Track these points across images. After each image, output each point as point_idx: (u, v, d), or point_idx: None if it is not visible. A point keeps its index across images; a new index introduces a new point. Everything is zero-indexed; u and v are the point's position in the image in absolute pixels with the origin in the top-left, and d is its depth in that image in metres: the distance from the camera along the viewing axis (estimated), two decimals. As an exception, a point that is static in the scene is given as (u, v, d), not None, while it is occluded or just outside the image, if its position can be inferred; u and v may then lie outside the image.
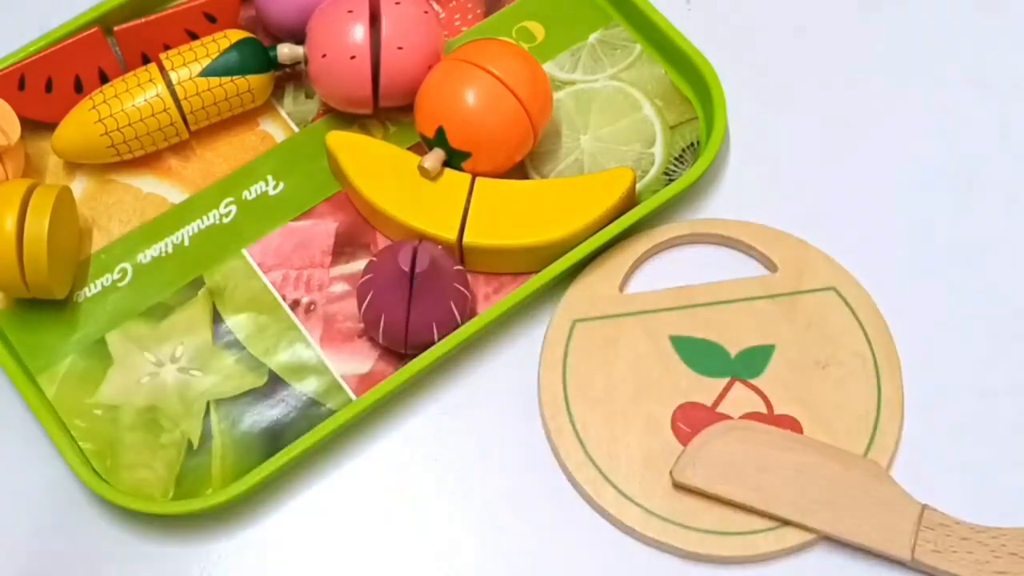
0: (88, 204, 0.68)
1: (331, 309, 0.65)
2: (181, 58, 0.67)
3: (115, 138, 0.66)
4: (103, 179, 0.69)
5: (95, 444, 0.62)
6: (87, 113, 0.66)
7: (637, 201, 0.66)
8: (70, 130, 0.67)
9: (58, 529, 0.61)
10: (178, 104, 0.67)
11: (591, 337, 0.63)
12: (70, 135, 0.67)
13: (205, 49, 0.67)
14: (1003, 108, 0.70)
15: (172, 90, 0.66)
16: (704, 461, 0.59)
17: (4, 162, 0.65)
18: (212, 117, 0.68)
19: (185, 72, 0.66)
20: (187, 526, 0.61)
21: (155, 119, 0.66)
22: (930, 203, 0.68)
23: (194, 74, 0.66)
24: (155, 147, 0.68)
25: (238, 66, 0.67)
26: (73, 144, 0.67)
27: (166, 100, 0.66)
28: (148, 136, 0.67)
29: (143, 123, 0.66)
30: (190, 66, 0.67)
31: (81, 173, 0.69)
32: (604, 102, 0.70)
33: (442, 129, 0.64)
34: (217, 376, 0.63)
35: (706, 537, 0.59)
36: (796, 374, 0.62)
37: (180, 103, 0.67)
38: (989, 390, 0.63)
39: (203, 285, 0.66)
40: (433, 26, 0.67)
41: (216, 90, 0.67)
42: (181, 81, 0.66)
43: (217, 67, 0.67)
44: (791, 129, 0.70)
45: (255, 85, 0.68)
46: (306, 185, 0.68)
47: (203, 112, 0.67)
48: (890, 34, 0.73)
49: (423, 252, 0.59)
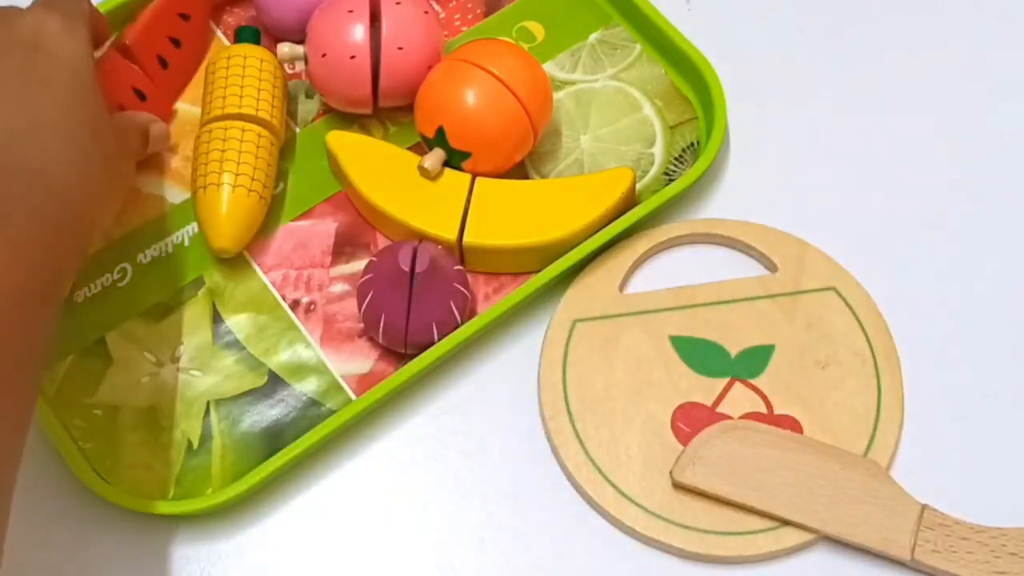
0: (88, 204, 0.68)
1: (331, 309, 0.65)
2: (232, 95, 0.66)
3: (266, 195, 0.65)
4: (103, 179, 0.69)
5: (95, 444, 0.62)
6: (246, 199, 0.64)
7: (637, 201, 0.66)
8: (241, 226, 0.64)
9: (58, 529, 0.61)
10: (269, 128, 0.66)
11: (591, 337, 0.63)
12: (240, 228, 0.64)
13: (229, 76, 0.67)
14: (1004, 108, 0.70)
15: (259, 120, 0.65)
16: (704, 461, 0.59)
17: None
18: (280, 106, 0.67)
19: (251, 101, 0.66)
20: (187, 526, 0.61)
21: (272, 155, 0.66)
22: (930, 203, 0.68)
23: (259, 98, 0.66)
24: (275, 172, 0.67)
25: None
26: (245, 230, 0.65)
27: (266, 136, 0.66)
28: (270, 168, 0.66)
29: (271, 167, 0.66)
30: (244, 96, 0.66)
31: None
32: (604, 102, 0.70)
33: (442, 129, 0.64)
34: (217, 376, 0.63)
35: (706, 537, 0.59)
36: (796, 374, 0.62)
37: (269, 126, 0.66)
38: (989, 390, 0.63)
39: (203, 285, 0.66)
40: (433, 26, 0.67)
41: (275, 92, 0.67)
42: (258, 109, 0.66)
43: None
44: (791, 129, 0.70)
45: (259, 54, 0.67)
46: (306, 185, 0.68)
47: (280, 110, 0.67)
48: (890, 34, 0.73)
49: (423, 252, 0.59)
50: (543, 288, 0.64)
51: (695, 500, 0.59)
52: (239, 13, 0.73)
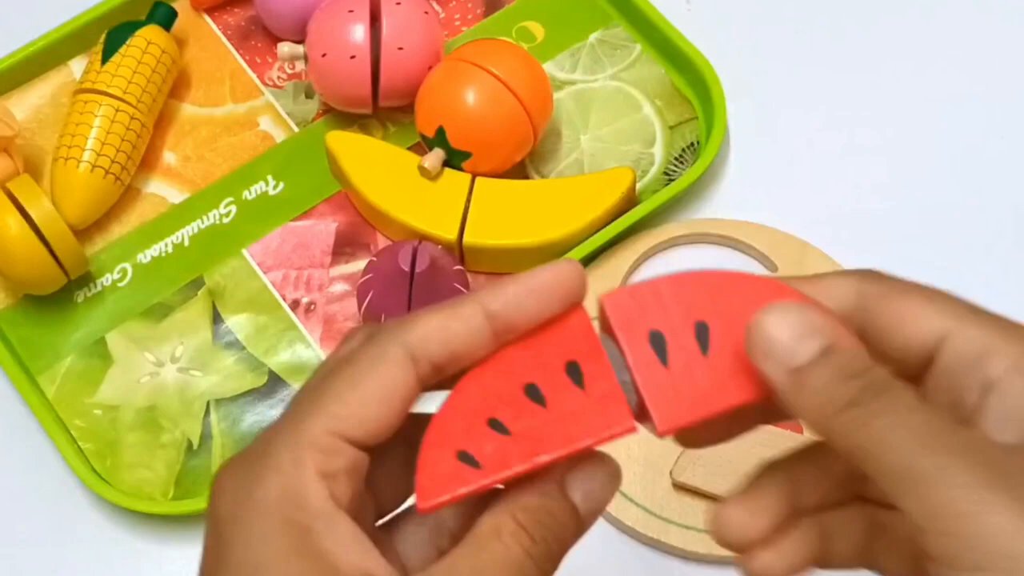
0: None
1: (331, 309, 0.65)
2: (91, 70, 0.66)
3: (115, 171, 0.65)
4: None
5: (95, 444, 0.62)
6: (76, 171, 0.64)
7: (637, 201, 0.66)
8: (76, 197, 0.64)
9: (58, 529, 0.61)
10: (128, 103, 0.66)
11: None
12: (78, 201, 0.64)
13: (96, 52, 0.67)
14: (1004, 108, 0.70)
15: (110, 94, 0.65)
16: (704, 461, 0.59)
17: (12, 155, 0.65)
18: (154, 95, 0.67)
19: (107, 77, 0.66)
20: (187, 526, 0.61)
21: (131, 131, 0.66)
22: (931, 203, 0.68)
23: (99, 68, 0.66)
24: (139, 155, 0.67)
25: (124, 34, 0.67)
26: (88, 204, 0.65)
27: (117, 106, 0.65)
28: (135, 150, 0.66)
29: (125, 142, 0.65)
30: (102, 71, 0.66)
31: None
32: (604, 102, 0.70)
33: (442, 129, 0.64)
34: (217, 376, 0.63)
35: (706, 537, 0.59)
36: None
37: (126, 99, 0.66)
38: (989, 390, 0.63)
39: (203, 285, 0.66)
40: (433, 26, 0.67)
41: (140, 69, 0.66)
42: (109, 84, 0.65)
43: (109, 48, 0.67)
44: (791, 129, 0.70)
45: (152, 36, 0.67)
46: (306, 185, 0.68)
47: (146, 95, 0.67)
48: (890, 34, 0.73)
49: (423, 252, 0.59)
50: (543, 288, 0.63)
51: (695, 500, 0.59)
52: (239, 13, 0.73)
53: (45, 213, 0.61)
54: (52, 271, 0.62)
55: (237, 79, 0.71)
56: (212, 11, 0.73)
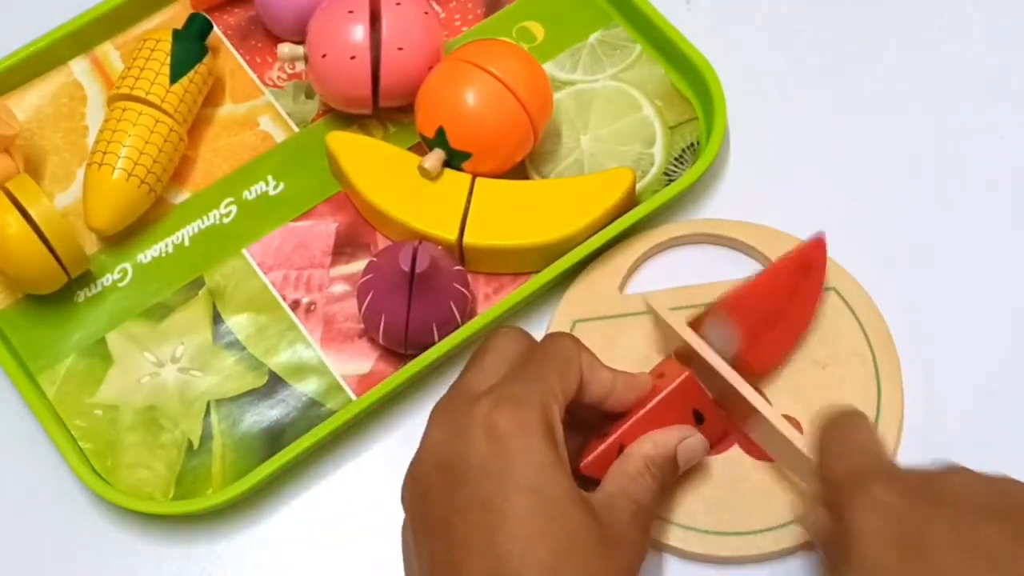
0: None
1: (331, 309, 0.65)
2: (144, 79, 0.66)
3: (150, 181, 0.65)
4: (103, 179, 0.69)
5: (95, 444, 0.62)
6: (109, 178, 0.64)
7: (637, 201, 0.66)
8: (107, 202, 0.64)
9: (58, 529, 0.61)
10: (168, 115, 0.66)
11: (591, 337, 0.63)
12: (108, 206, 0.64)
13: (150, 59, 0.67)
14: (1004, 108, 0.70)
15: (164, 110, 0.66)
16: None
17: (12, 155, 0.65)
18: (194, 111, 0.68)
19: (160, 90, 0.66)
20: (187, 526, 0.61)
21: (168, 143, 0.66)
22: (931, 203, 0.68)
23: (168, 87, 0.66)
24: (174, 167, 0.67)
25: (193, 56, 0.67)
26: (118, 212, 0.65)
27: (166, 122, 0.66)
28: (171, 163, 0.66)
29: (163, 154, 0.65)
30: (155, 82, 0.66)
31: (81, 173, 0.69)
32: (604, 102, 0.70)
33: (442, 129, 0.64)
34: (217, 376, 0.63)
35: (706, 537, 0.59)
36: (796, 374, 0.62)
37: (175, 117, 0.66)
38: (988, 390, 0.63)
39: (203, 285, 0.66)
40: (433, 26, 0.67)
41: (190, 88, 0.67)
42: (164, 99, 0.66)
43: (179, 69, 0.66)
44: (791, 130, 0.70)
45: (211, 64, 0.68)
46: (306, 185, 0.68)
47: (190, 114, 0.68)
48: (891, 34, 0.73)
49: (423, 252, 0.59)
50: (543, 288, 0.64)
51: (695, 500, 0.59)
52: (239, 13, 0.73)
53: (45, 212, 0.61)
54: (52, 270, 0.62)
55: (237, 79, 0.71)
56: (212, 11, 0.72)
